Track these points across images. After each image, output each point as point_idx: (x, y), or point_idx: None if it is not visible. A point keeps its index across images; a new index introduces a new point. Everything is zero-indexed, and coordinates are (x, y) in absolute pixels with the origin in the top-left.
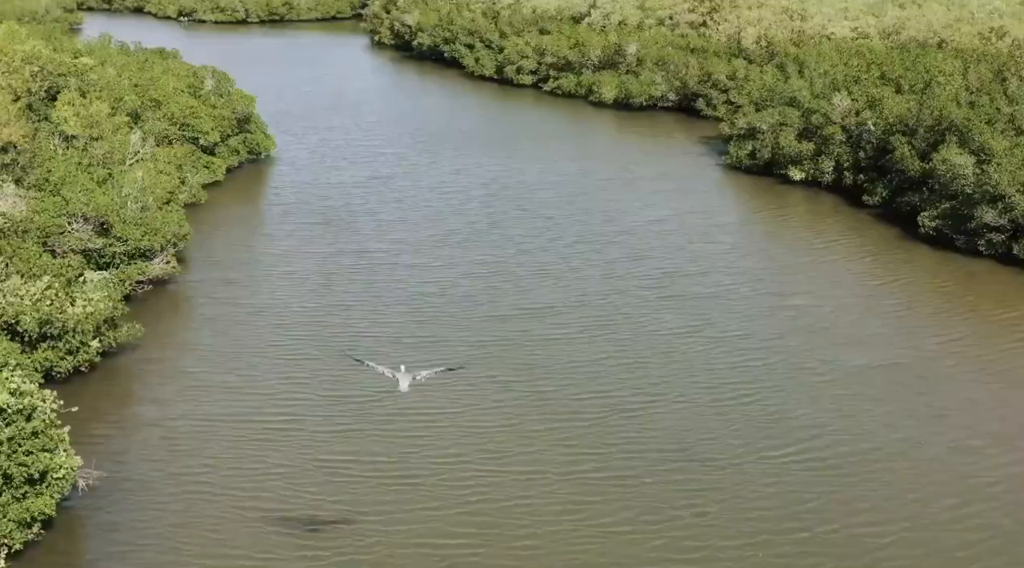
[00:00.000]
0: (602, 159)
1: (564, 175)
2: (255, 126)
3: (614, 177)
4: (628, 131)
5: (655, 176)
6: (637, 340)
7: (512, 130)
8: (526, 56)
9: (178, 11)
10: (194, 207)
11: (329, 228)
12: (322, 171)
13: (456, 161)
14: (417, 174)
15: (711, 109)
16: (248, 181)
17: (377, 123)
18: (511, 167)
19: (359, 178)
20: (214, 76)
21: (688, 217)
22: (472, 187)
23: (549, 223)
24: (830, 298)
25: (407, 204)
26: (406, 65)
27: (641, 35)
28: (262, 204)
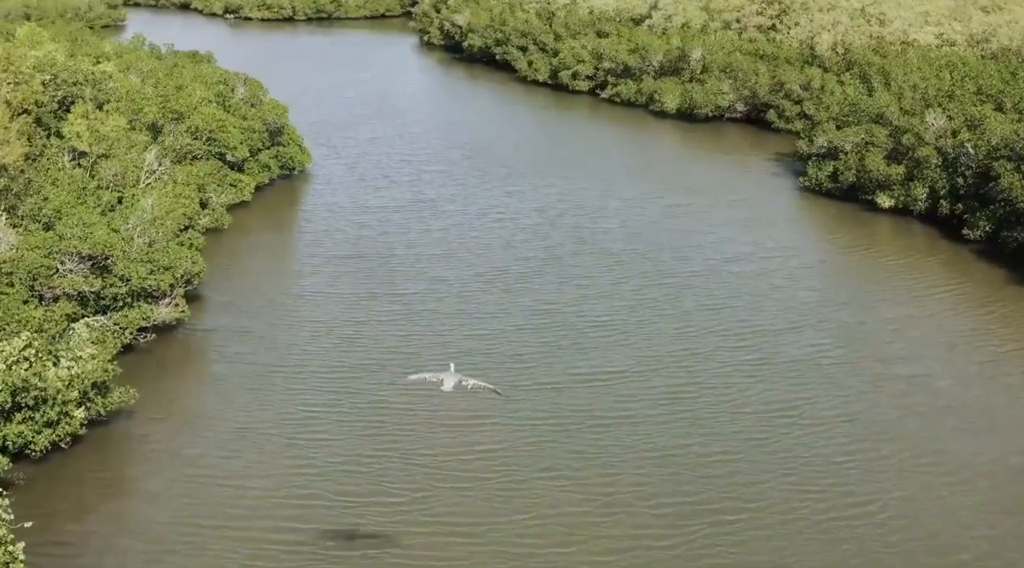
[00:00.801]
0: (667, 180)
1: (627, 200)
2: (289, 138)
3: (682, 203)
4: (694, 146)
5: (727, 202)
6: (721, 421)
7: (568, 144)
8: (582, 60)
9: (224, 8)
10: (216, 233)
11: (362, 263)
12: (360, 191)
13: (507, 181)
14: (464, 197)
15: (783, 121)
16: (278, 202)
17: (423, 134)
18: (568, 189)
19: (400, 201)
20: (246, 84)
21: (768, 254)
22: (525, 213)
23: (612, 260)
24: (945, 365)
25: (452, 234)
26: (455, 68)
27: (706, 39)
28: (290, 231)
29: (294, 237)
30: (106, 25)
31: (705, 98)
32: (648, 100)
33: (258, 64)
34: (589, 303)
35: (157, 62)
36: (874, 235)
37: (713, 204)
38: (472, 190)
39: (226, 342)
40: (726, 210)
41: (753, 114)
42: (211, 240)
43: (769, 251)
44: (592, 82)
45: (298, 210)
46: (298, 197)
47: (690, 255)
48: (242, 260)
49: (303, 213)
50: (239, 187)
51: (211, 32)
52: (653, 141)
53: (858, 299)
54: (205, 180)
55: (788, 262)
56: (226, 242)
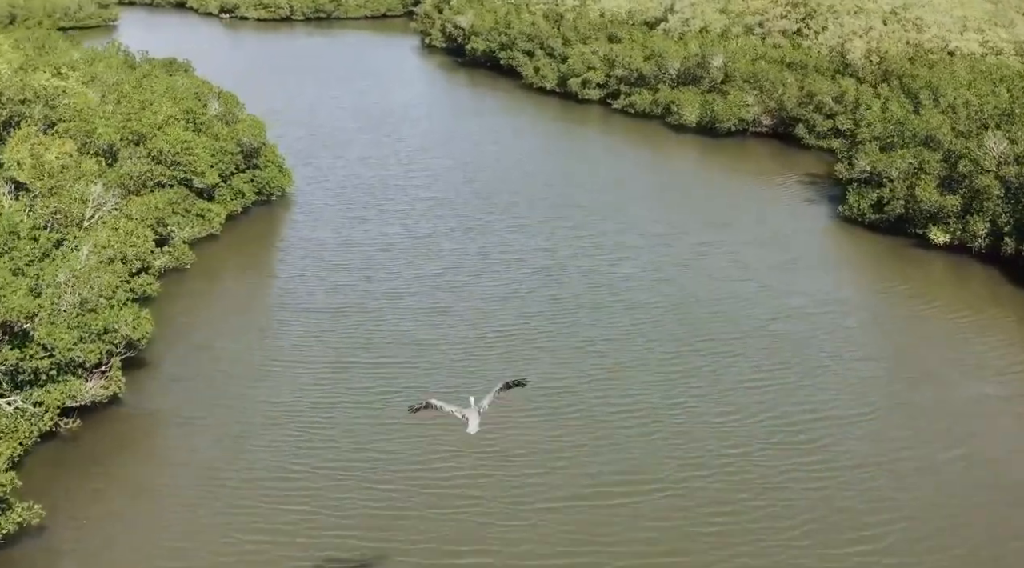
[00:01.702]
0: (692, 209)
1: (649, 237)
2: (268, 159)
3: (711, 240)
4: (717, 166)
5: (762, 238)
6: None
7: (580, 164)
8: (593, 67)
9: (220, 7)
10: (175, 275)
11: (339, 320)
12: (344, 224)
13: (513, 212)
14: (464, 232)
15: (814, 137)
16: (250, 235)
17: (420, 153)
18: (581, 222)
19: (389, 237)
20: (220, 99)
21: (817, 309)
22: (532, 253)
23: (638, 318)
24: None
25: (446, 282)
26: (457, 73)
27: (727, 45)
28: (259, 274)
29: (263, 283)
30: (96, 26)
31: (728, 110)
32: (665, 111)
33: (247, 69)
34: (611, 380)
35: (127, 73)
36: (931, 279)
37: (746, 241)
38: (473, 223)
39: (165, 431)
40: (762, 249)
41: (780, 128)
42: (169, 284)
43: (818, 304)
44: (604, 91)
45: (272, 247)
46: (273, 230)
47: (727, 310)
48: (200, 312)
49: (277, 251)
50: (207, 218)
51: (205, 33)
52: (673, 160)
53: (929, 373)
54: (165, 212)
55: (841, 320)
56: (186, 287)
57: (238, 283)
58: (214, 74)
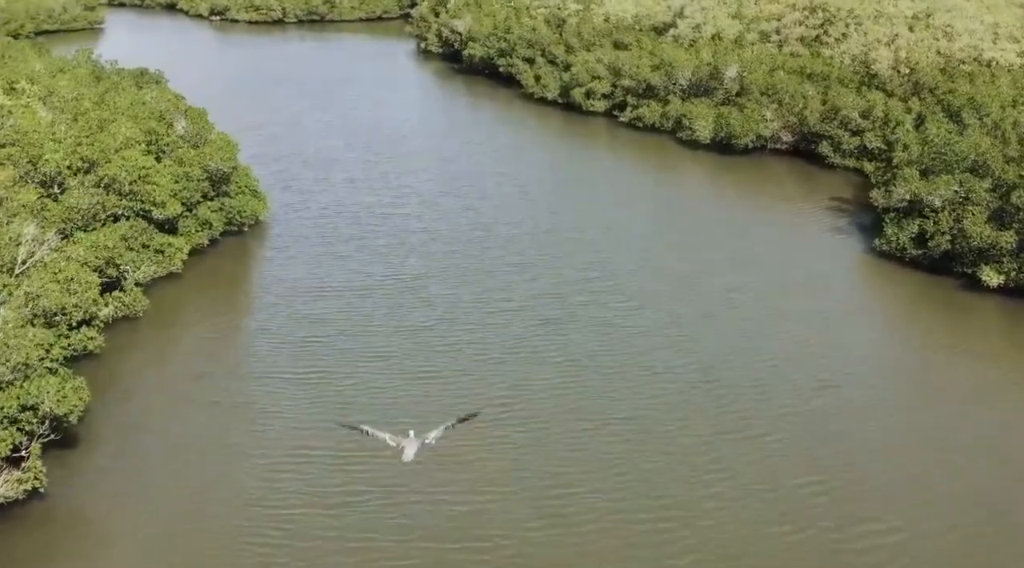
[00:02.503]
0: (713, 242)
1: (667, 278)
2: (240, 184)
3: (739, 284)
4: (736, 189)
5: (793, 280)
6: None
7: (586, 188)
8: (598, 77)
9: (210, 9)
10: (126, 325)
11: (303, 390)
12: (323, 260)
13: (514, 245)
14: (459, 272)
15: (839, 156)
16: (215, 274)
17: (412, 175)
18: (592, 260)
19: (372, 278)
20: (187, 117)
21: (867, 377)
22: (536, 299)
23: (660, 388)
24: None
25: (436, 337)
26: (454, 81)
27: (741, 54)
28: (221, 324)
29: (224, 338)
30: (82, 28)
31: (744, 125)
32: (675, 125)
33: (230, 77)
34: (627, 474)
35: (90, 86)
36: (988, 332)
37: (777, 284)
38: (469, 260)
39: (96, 537)
40: (795, 295)
41: (802, 145)
42: (117, 336)
43: (868, 369)
44: (609, 102)
45: (238, 289)
46: (242, 267)
47: (763, 379)
48: (149, 373)
49: (243, 295)
50: (167, 254)
51: (193, 36)
52: (687, 181)
53: (1013, 475)
54: (116, 251)
55: (897, 392)
56: (136, 339)
57: (195, 338)
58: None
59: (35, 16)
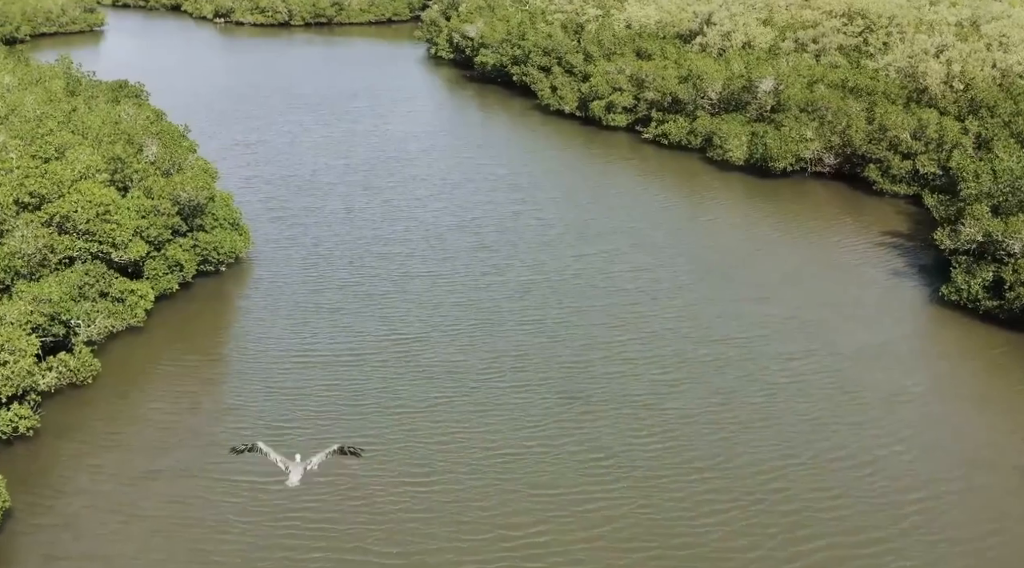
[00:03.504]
0: (756, 290)
1: (711, 342)
2: (218, 215)
3: (797, 352)
4: (774, 220)
5: (856, 343)
6: None
7: (609, 219)
8: (619, 88)
9: (214, 11)
10: (72, 394)
11: (275, 499)
12: (309, 316)
13: (534, 298)
14: (468, 333)
15: (888, 181)
16: (182, 327)
17: (417, 204)
18: (619, 319)
19: (364, 338)
20: (160, 139)
21: (964, 484)
22: (555, 371)
23: (713, 500)
24: None
25: (436, 425)
26: (465, 91)
27: (776, 65)
28: (180, 399)
29: (183, 417)
30: (81, 31)
31: (782, 146)
32: (705, 144)
33: (225, 86)
34: None
35: (58, 103)
36: None
37: (836, 349)
38: (478, 315)
39: None
40: (859, 366)
41: (846, 168)
42: (58, 409)
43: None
44: (631, 116)
45: (206, 352)
46: (214, 320)
47: (845, 484)
48: (87, 466)
49: (210, 360)
50: (128, 303)
51: (194, 40)
52: (721, 212)
53: None
54: (63, 306)
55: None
56: (78, 417)
57: (152, 417)
58: (187, 93)
59: (32, 19)
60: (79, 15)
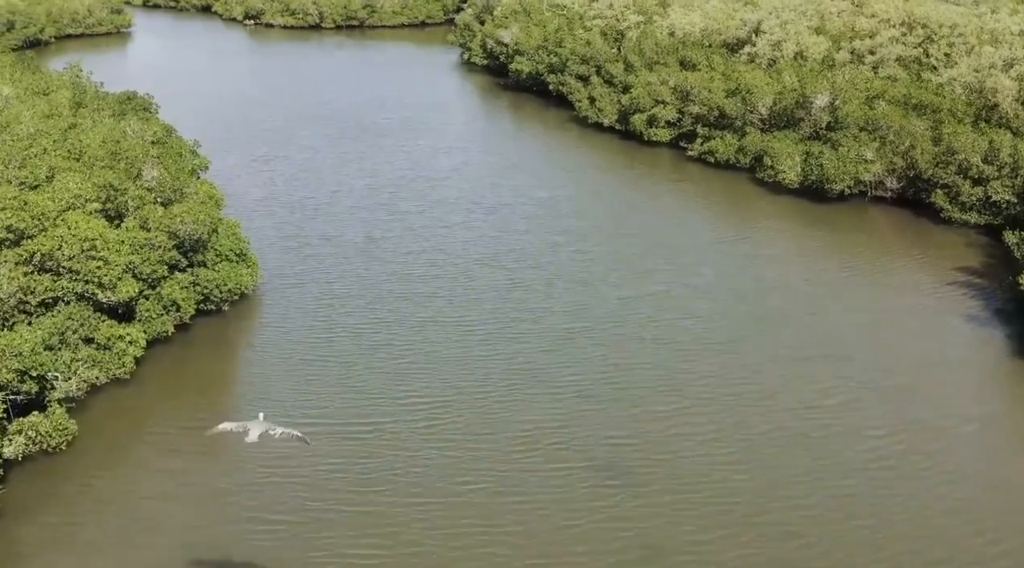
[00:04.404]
0: (821, 336)
1: (769, 409)
2: (223, 246)
3: (880, 428)
4: (836, 254)
5: (949, 417)
6: None
7: (654, 251)
8: (662, 101)
9: (244, 13)
10: (42, 462)
11: None
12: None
13: (571, 353)
14: (497, 396)
15: (958, 210)
16: (176, 379)
17: (445, 233)
18: (666, 382)
19: (378, 403)
20: (160, 163)
21: None
22: (594, 452)
23: None
24: None
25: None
26: (500, 100)
27: (832, 78)
28: (165, 474)
29: (165, 505)
30: (107, 32)
31: (840, 167)
32: (754, 163)
33: (252, 94)
34: None
35: (58, 118)
36: None
37: (923, 421)
38: (509, 372)
39: None
40: (955, 448)
41: (910, 193)
42: (21, 485)
43: None
44: (675, 130)
45: (199, 415)
46: (212, 373)
47: None
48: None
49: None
50: (115, 351)
51: (222, 43)
52: (779, 247)
53: None
54: (33, 359)
55: None
56: (43, 494)
57: (117, 506)
58: (208, 98)
59: (57, 20)
60: (106, 16)
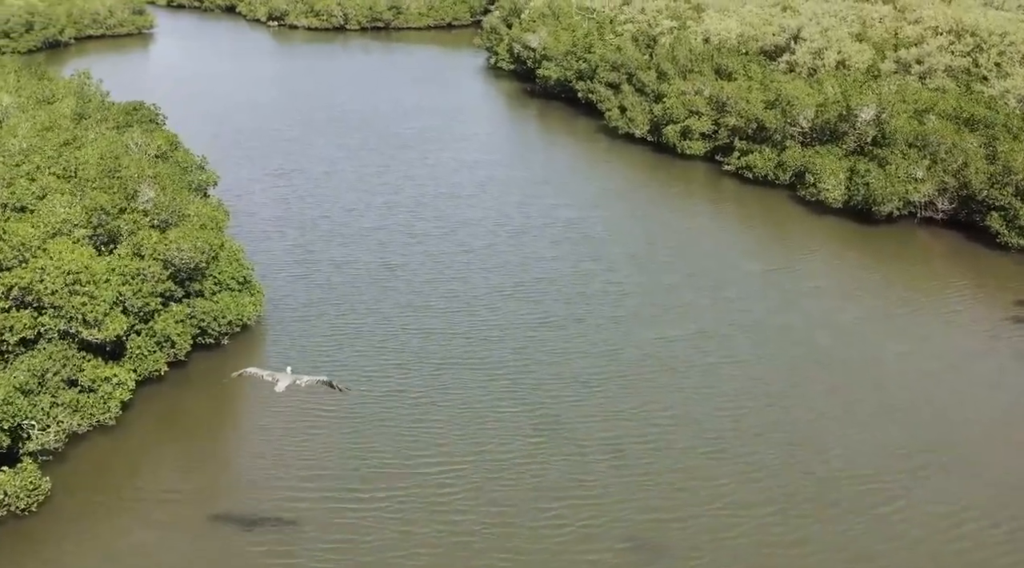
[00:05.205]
0: (882, 390)
1: (831, 480)
2: (224, 273)
3: (964, 508)
4: (889, 287)
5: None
6: None
7: (690, 278)
8: (697, 112)
9: (268, 14)
10: (12, 523)
11: None
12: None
13: (597, 403)
14: (519, 460)
15: (1015, 234)
16: (166, 426)
17: (467, 259)
18: (715, 445)
19: (383, 467)
20: (157, 182)
21: None
22: (631, 528)
23: None
24: None
25: None
26: (527, 109)
27: (878, 89)
28: (140, 547)
29: None
30: (129, 34)
31: (887, 187)
32: (794, 180)
33: (271, 100)
34: None
35: (58, 131)
36: None
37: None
38: (533, 429)
39: None
40: None
41: (962, 215)
42: None
43: None
44: (710, 143)
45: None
46: (205, 420)
47: None
48: None
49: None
50: (99, 394)
51: (245, 44)
52: (829, 278)
53: None
54: (4, 410)
55: None
56: (9, 561)
57: None
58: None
59: (78, 20)
60: (127, 17)
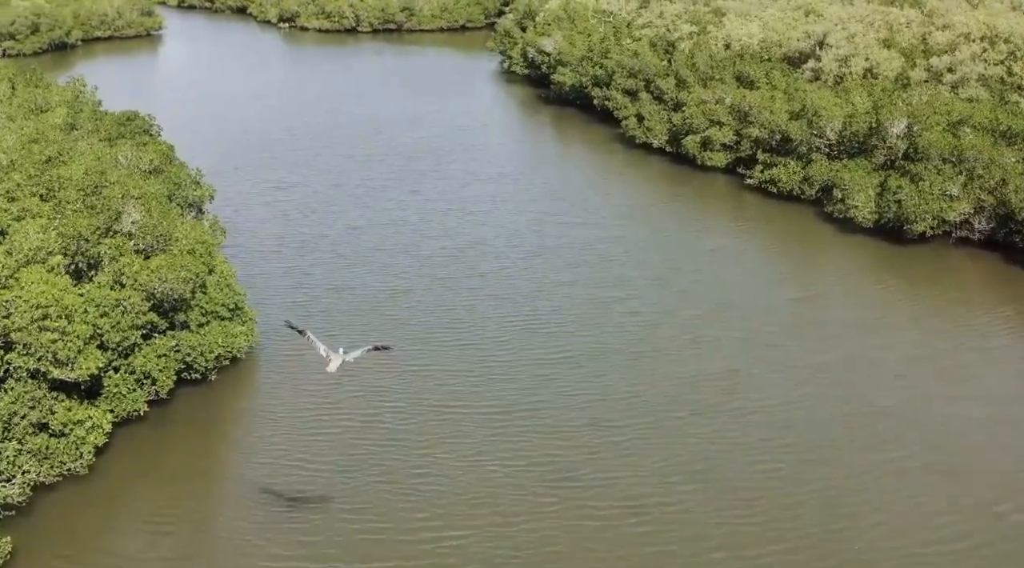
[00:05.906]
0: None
1: (881, 551)
2: (212, 302)
3: None
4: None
5: None
6: None
7: (716, 308)
8: (718, 122)
9: (278, 15)
10: None
11: None
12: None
13: (619, 455)
14: (530, 523)
15: None
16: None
17: (477, 286)
18: (751, 505)
19: (384, 529)
20: (142, 203)
21: None
22: None
23: None
24: None
25: None
26: (540, 116)
27: (910, 100)
28: None
29: None
30: (137, 35)
31: (920, 205)
32: (821, 195)
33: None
34: None
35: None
36: None
37: None
38: (545, 485)
39: None
40: None
41: (1000, 235)
42: None
43: None
44: (732, 155)
45: (157, 529)
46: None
47: None
48: None
49: (162, 548)
50: (70, 438)
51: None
52: (863, 309)
53: None
54: None
55: None
56: None
57: None
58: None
59: (85, 22)
60: (135, 19)
